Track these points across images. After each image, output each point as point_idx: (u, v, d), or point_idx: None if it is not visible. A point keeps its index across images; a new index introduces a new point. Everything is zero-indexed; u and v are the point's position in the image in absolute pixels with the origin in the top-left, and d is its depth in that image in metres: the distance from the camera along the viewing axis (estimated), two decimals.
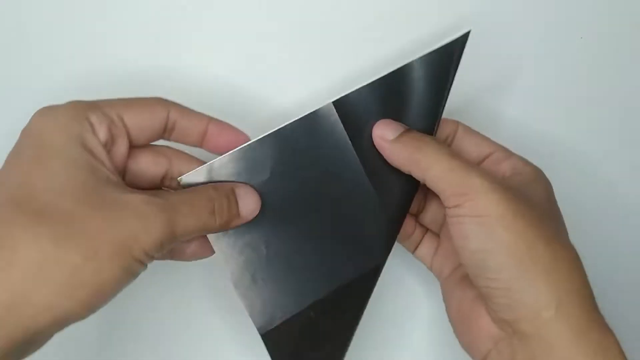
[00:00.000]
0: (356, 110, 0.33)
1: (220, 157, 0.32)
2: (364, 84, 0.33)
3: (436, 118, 0.33)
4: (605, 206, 0.42)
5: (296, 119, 0.32)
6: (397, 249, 0.35)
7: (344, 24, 0.40)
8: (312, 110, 0.32)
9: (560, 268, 0.28)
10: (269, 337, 0.33)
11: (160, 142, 0.33)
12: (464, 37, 0.33)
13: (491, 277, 0.29)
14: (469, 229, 0.29)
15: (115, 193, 0.27)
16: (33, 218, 0.25)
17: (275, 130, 0.32)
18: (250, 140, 0.33)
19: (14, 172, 0.27)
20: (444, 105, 0.33)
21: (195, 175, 0.32)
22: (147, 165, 0.32)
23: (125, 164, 0.31)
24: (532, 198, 0.30)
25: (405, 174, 0.32)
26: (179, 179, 0.32)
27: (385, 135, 0.32)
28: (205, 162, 0.32)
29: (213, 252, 0.33)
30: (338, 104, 0.32)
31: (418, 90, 0.33)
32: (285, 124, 0.32)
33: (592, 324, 0.28)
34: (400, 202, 0.34)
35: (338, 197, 0.33)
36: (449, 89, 0.33)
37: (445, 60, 0.33)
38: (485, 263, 0.29)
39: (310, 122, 0.32)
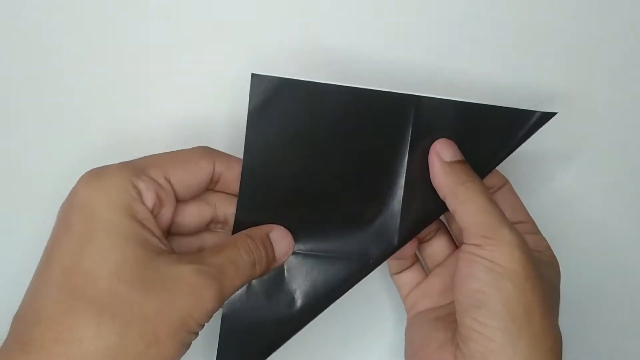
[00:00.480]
0: (432, 116, 0.32)
1: (297, 78, 0.31)
2: (452, 98, 0.32)
3: (485, 169, 0.33)
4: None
5: (377, 88, 0.31)
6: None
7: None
8: (394, 91, 0.31)
9: (544, 343, 0.29)
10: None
11: None
12: (548, 116, 0.33)
13: (479, 320, 0.29)
14: (479, 270, 0.29)
15: (167, 267, 0.27)
16: (93, 307, 0.25)
17: (354, 87, 0.31)
18: None
19: (65, 250, 0.27)
20: (497, 164, 0.33)
21: (266, 78, 0.30)
22: (192, 218, 0.32)
23: (172, 221, 0.31)
24: (544, 275, 0.31)
25: (439, 201, 0.32)
26: (252, 73, 0.30)
27: (441, 153, 0.32)
28: None
29: None
30: (420, 100, 0.32)
31: (489, 134, 0.33)
32: (365, 87, 0.31)
33: None
34: (417, 224, 0.33)
35: (368, 181, 0.32)
36: (511, 152, 0.33)
37: (525, 124, 0.33)
38: (481, 304, 0.29)
39: (387, 100, 0.32)
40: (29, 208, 0.37)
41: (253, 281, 0.32)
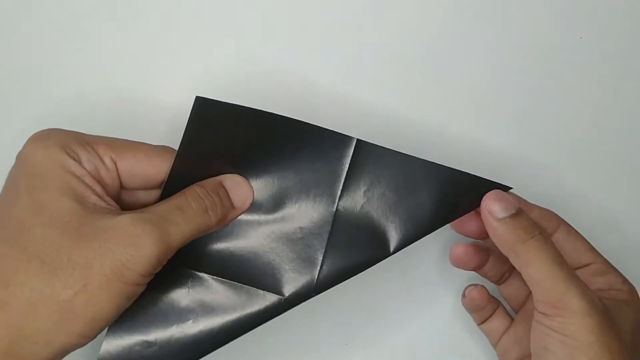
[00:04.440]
0: (370, 163, 0.31)
1: (245, 105, 0.30)
2: (396, 149, 0.31)
3: (424, 229, 0.31)
4: None
5: (315, 124, 0.31)
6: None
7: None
8: (334, 130, 0.31)
9: None
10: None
11: None
12: (503, 189, 0.31)
13: None
14: (552, 343, 0.29)
15: (104, 220, 0.27)
16: (23, 254, 0.26)
17: (295, 119, 0.31)
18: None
19: (9, 203, 0.28)
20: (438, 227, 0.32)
21: (213, 102, 0.30)
22: (138, 195, 0.31)
23: (117, 198, 0.31)
24: (621, 324, 0.30)
25: (366, 249, 0.31)
26: (196, 95, 0.30)
27: (493, 211, 0.30)
28: None
29: None
30: (360, 145, 0.31)
31: (429, 192, 0.31)
32: (306, 121, 0.31)
33: None
34: (341, 272, 0.31)
35: (293, 214, 0.32)
36: (454, 217, 0.32)
37: (474, 191, 0.31)
38: None
39: (325, 137, 0.31)
40: None
41: (145, 292, 0.29)
